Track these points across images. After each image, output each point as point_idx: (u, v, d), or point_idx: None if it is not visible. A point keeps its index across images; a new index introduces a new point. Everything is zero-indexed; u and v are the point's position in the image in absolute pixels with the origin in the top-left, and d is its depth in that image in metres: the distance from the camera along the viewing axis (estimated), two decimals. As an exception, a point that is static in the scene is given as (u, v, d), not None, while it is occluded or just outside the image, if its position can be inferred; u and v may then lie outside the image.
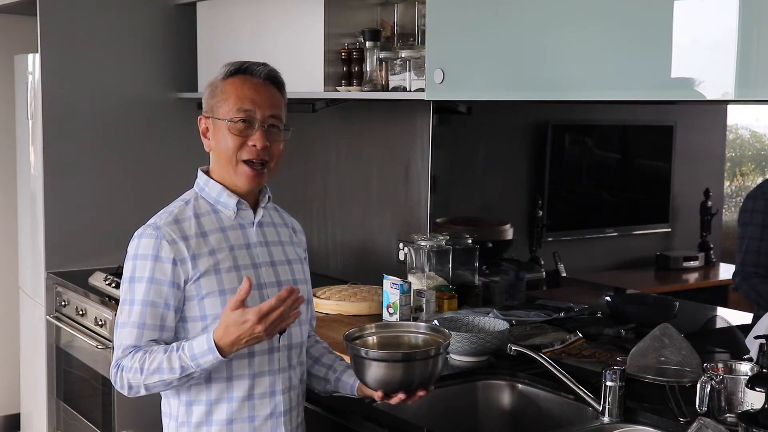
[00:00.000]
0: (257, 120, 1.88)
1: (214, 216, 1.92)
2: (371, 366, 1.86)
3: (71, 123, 3.74)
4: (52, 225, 3.75)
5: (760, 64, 1.71)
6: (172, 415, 1.94)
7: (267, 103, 1.90)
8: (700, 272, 2.89)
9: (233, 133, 1.88)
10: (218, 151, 1.92)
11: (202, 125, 1.96)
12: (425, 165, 3.18)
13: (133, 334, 1.83)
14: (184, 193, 1.98)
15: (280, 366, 1.92)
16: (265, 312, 1.72)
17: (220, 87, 1.91)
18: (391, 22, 2.98)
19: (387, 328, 2.06)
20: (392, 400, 1.89)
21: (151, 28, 3.88)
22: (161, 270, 1.83)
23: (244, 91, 1.89)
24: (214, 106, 1.92)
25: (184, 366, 1.77)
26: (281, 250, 2.00)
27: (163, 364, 1.79)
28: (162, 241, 1.83)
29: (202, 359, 1.77)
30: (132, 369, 1.81)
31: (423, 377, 1.88)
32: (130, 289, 1.85)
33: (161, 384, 1.81)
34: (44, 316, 3.77)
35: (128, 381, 1.83)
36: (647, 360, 2.19)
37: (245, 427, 1.89)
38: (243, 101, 1.88)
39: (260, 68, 1.93)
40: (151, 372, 1.79)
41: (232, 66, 1.93)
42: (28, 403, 4.15)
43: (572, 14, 2.06)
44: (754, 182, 2.64)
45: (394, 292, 2.76)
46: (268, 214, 2.01)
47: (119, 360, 1.84)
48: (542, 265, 3.13)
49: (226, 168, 1.91)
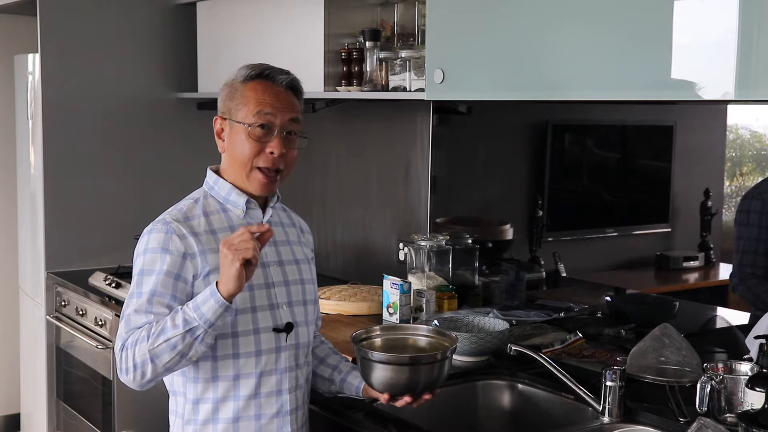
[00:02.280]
0: (276, 126, 1.87)
1: (223, 215, 1.92)
2: (378, 368, 1.86)
3: (71, 123, 3.74)
4: (52, 225, 3.75)
5: (760, 64, 1.71)
6: (178, 412, 1.94)
7: (287, 109, 1.89)
8: (700, 272, 2.89)
9: (252, 139, 1.86)
10: (233, 154, 1.90)
11: (217, 125, 1.94)
12: (425, 165, 3.18)
13: (140, 318, 1.80)
14: (193, 192, 1.97)
15: (287, 365, 1.92)
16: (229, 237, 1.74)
17: (240, 90, 1.89)
18: (391, 22, 2.98)
19: (394, 331, 2.07)
20: (398, 403, 1.90)
21: (151, 28, 3.88)
22: (171, 263, 1.82)
23: (265, 96, 1.87)
24: (232, 109, 1.90)
25: (188, 319, 1.74)
26: (289, 249, 2.00)
27: (167, 323, 1.75)
28: (172, 236, 1.83)
29: (205, 306, 1.73)
30: (138, 341, 1.77)
31: (429, 381, 1.88)
32: (139, 282, 1.83)
33: (166, 348, 1.75)
34: (44, 316, 3.77)
35: (134, 359, 1.77)
36: (647, 360, 2.19)
37: (251, 426, 1.89)
38: (263, 106, 1.86)
39: (282, 77, 1.90)
40: (156, 334, 1.75)
41: (253, 70, 1.90)
42: (28, 403, 4.15)
43: (572, 14, 2.06)
44: (754, 182, 2.64)
45: (394, 292, 2.76)
46: (276, 214, 2.01)
47: (124, 341, 1.80)
48: (542, 265, 3.13)
49: (239, 172, 1.90)
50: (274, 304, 1.91)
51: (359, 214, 3.54)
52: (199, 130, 2.00)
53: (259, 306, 1.89)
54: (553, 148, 3.17)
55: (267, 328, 1.89)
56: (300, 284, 1.98)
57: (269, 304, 1.90)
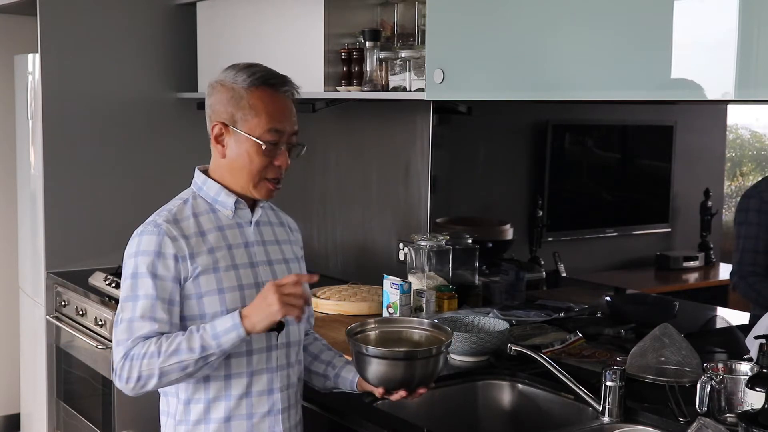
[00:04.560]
0: (284, 140, 1.88)
1: (212, 215, 1.92)
2: (373, 363, 1.86)
3: (71, 123, 3.74)
4: (52, 225, 3.75)
5: (760, 64, 1.71)
6: (170, 413, 1.94)
7: (293, 122, 1.90)
8: (700, 272, 2.89)
9: (264, 155, 1.86)
10: (239, 165, 1.89)
11: (216, 130, 1.90)
12: (425, 165, 3.18)
13: (144, 326, 1.79)
14: (182, 192, 1.97)
15: (278, 364, 1.92)
16: (281, 282, 1.75)
17: (246, 98, 1.86)
18: (391, 22, 2.98)
19: (388, 323, 2.06)
20: (393, 397, 1.89)
21: (151, 28, 3.88)
22: (165, 266, 1.82)
23: (275, 109, 1.86)
24: (237, 117, 1.86)
25: (205, 345, 1.75)
26: (278, 249, 2.00)
27: (182, 345, 1.76)
28: (164, 238, 1.83)
29: (225, 337, 1.75)
30: (146, 354, 1.76)
31: (424, 375, 1.88)
32: (133, 285, 1.82)
33: (177, 368, 1.76)
34: (44, 316, 3.77)
35: (139, 371, 1.77)
36: (647, 360, 2.19)
37: (243, 425, 1.89)
38: (275, 122, 1.86)
39: (286, 88, 1.90)
40: (169, 354, 1.75)
41: (253, 74, 1.87)
42: (28, 403, 4.15)
43: (572, 14, 2.06)
44: (754, 182, 2.65)
45: (394, 292, 2.76)
46: (265, 213, 2.01)
47: (128, 350, 1.79)
48: (542, 265, 3.12)
49: (244, 182, 1.90)
50: None
51: (359, 214, 3.54)
52: (198, 130, 2.00)
53: None
54: (553, 148, 3.17)
55: None
56: None
57: None
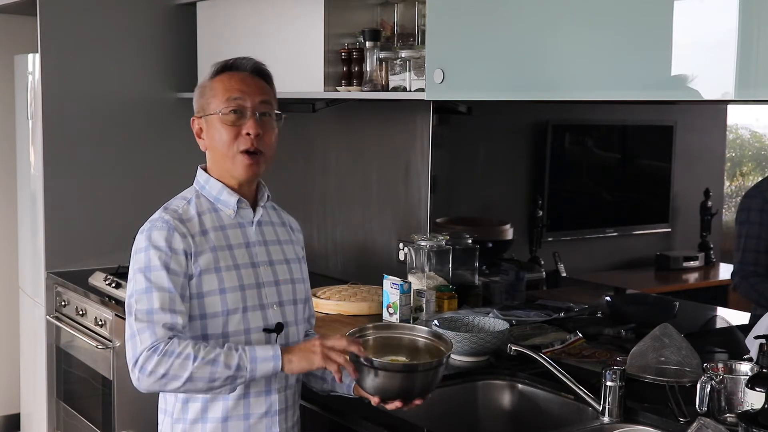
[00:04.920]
0: (248, 108, 1.90)
1: (214, 214, 1.93)
2: (370, 373, 1.82)
3: (71, 123, 3.74)
4: (52, 225, 3.75)
5: (760, 64, 1.71)
6: (167, 411, 1.94)
7: (256, 91, 1.92)
8: (700, 272, 2.89)
9: (226, 125, 1.89)
10: (214, 146, 1.93)
11: (195, 127, 1.97)
12: (425, 165, 3.18)
13: (165, 317, 1.78)
14: (184, 191, 1.98)
15: None
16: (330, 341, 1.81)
17: (209, 86, 1.94)
18: (391, 22, 2.98)
19: (387, 329, 2.03)
20: (388, 406, 1.88)
21: (151, 28, 3.88)
22: (177, 261, 1.83)
23: (232, 83, 1.92)
24: (204, 105, 1.94)
25: (241, 365, 1.77)
26: (279, 249, 2.00)
27: (221, 358, 1.76)
28: (175, 233, 1.84)
29: (262, 364, 1.78)
30: (182, 355, 1.75)
31: (422, 388, 1.86)
32: (147, 278, 1.81)
33: (207, 378, 1.76)
34: (44, 316, 3.77)
35: (168, 368, 1.75)
36: (647, 360, 2.19)
37: (240, 425, 1.90)
38: (231, 92, 1.90)
39: (245, 61, 1.96)
40: (206, 362, 1.75)
41: (218, 65, 1.97)
42: (28, 403, 4.15)
43: (572, 14, 2.06)
44: (754, 182, 2.65)
45: (394, 292, 2.76)
46: (266, 213, 2.01)
47: (158, 343, 1.76)
48: (542, 265, 3.13)
49: (222, 162, 1.92)
50: (265, 305, 1.92)
51: (359, 214, 3.54)
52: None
53: (250, 306, 1.89)
54: (553, 148, 3.17)
55: (257, 328, 1.90)
56: (290, 284, 1.99)
57: (260, 304, 1.91)
